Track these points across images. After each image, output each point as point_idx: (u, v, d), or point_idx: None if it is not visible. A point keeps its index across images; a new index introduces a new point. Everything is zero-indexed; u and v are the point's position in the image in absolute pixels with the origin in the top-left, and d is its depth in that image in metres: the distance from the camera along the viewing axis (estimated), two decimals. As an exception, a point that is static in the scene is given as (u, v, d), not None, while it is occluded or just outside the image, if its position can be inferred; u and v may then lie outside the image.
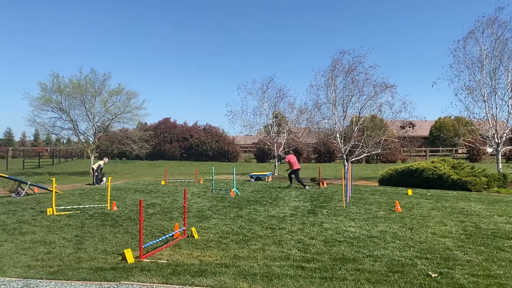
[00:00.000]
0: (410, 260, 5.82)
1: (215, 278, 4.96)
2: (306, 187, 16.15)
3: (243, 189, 15.93)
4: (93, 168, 20.09)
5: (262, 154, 42.77)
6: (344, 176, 12.29)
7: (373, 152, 22.41)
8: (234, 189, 14.46)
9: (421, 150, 45.68)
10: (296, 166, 16.85)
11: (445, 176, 16.30)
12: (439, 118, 50.27)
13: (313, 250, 6.46)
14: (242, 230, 8.03)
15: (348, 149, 21.59)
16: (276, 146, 27.59)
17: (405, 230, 8.08)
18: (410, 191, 14.34)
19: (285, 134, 28.26)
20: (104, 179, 19.49)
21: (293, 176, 16.97)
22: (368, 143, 21.64)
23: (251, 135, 32.14)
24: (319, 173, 18.92)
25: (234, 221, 9.04)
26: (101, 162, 19.85)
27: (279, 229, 8.12)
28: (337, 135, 21.56)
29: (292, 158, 17.03)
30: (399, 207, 10.57)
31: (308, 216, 9.66)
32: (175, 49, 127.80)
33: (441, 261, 5.80)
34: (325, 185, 17.13)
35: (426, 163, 17.97)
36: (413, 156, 43.13)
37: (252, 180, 20.22)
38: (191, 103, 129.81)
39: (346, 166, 19.76)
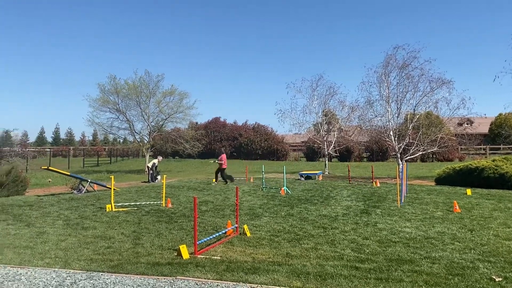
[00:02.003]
0: (471, 263, 5.55)
1: (268, 275, 4.99)
2: (227, 183, 17.75)
3: (294, 187, 15.88)
4: (148, 167, 20.83)
5: (312, 153, 42.36)
6: (398, 175, 11.92)
7: (429, 151, 21.60)
8: (285, 187, 14.44)
9: (480, 148, 43.37)
10: (224, 165, 18.11)
11: (508, 175, 15.38)
12: (500, 114, 47.54)
13: (367, 251, 6.32)
14: (294, 229, 8.01)
15: (402, 147, 20.94)
16: (326, 144, 27.26)
17: (464, 231, 7.72)
18: (469, 191, 13.66)
19: (336, 132, 27.85)
20: (159, 177, 20.15)
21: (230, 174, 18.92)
22: (423, 141, 20.87)
23: (300, 134, 31.90)
24: (372, 172, 18.49)
25: (286, 220, 9.03)
26: (155, 161, 20.55)
27: (331, 229, 8.03)
28: (391, 133, 20.96)
29: (225, 158, 18.24)
30: (457, 208, 10.11)
31: (361, 216, 9.47)
32: (224, 48, 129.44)
33: (506, 264, 5.49)
34: (378, 184, 16.71)
35: (487, 162, 17.04)
36: (472, 154, 41.04)
37: (302, 179, 20.10)
38: (241, 102, 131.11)
39: (401, 165, 19.18)
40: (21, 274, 5.21)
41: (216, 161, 18.63)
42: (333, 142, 27.61)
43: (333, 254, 6.13)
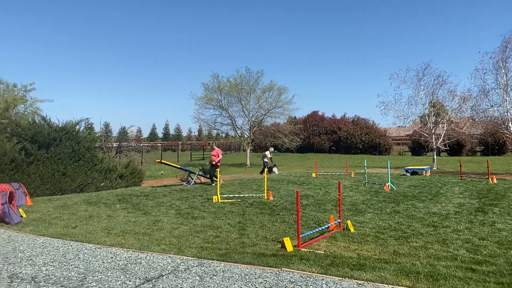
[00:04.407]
0: None
1: (374, 273, 4.84)
2: (213, 184, 15.70)
3: (398, 183, 15.18)
4: (264, 161, 21.57)
5: (418, 147, 40.01)
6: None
7: (557, 144, 19.15)
8: (389, 183, 13.86)
9: None
10: (217, 162, 16.19)
11: None
12: None
13: (485, 252, 5.82)
14: (401, 226, 7.67)
15: (523, 140, 18.83)
16: (434, 137, 25.55)
17: None
18: None
19: (445, 125, 25.92)
20: (275, 169, 20.98)
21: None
22: (550, 133, 18.54)
23: (405, 127, 30.32)
24: (487, 167, 16.93)
25: (391, 217, 8.68)
26: (267, 153, 21.43)
27: (442, 227, 7.53)
28: (510, 124, 18.99)
29: (218, 153, 16.40)
30: None
31: (476, 215, 8.73)
32: (322, 41, 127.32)
33: None
34: (495, 181, 15.24)
35: None
36: None
37: (408, 174, 19.10)
38: (339, 94, 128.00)
39: (522, 160, 17.27)
40: (141, 258, 5.74)
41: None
42: (442, 135, 25.75)
43: (445, 254, 5.75)
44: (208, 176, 16.36)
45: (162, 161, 17.24)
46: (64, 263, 5.51)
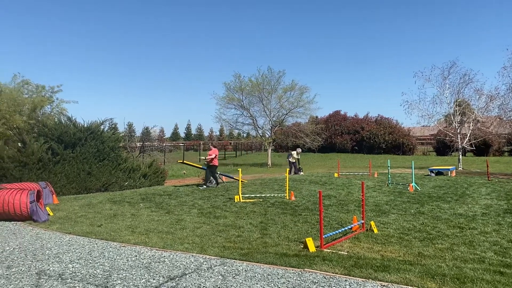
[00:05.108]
0: None
1: (399, 274, 4.77)
2: (209, 185, 15.05)
3: (423, 184, 14.90)
4: (289, 161, 21.53)
5: (443, 147, 39.20)
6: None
7: None
8: (413, 183, 13.62)
9: None
10: (215, 162, 15.22)
11: None
12: None
13: (514, 255, 5.65)
14: (425, 228, 7.53)
15: (554, 139, 18.22)
16: (459, 137, 24.98)
17: None
18: None
19: (471, 124, 25.33)
20: (301, 172, 20.95)
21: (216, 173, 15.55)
22: None
23: (429, 126, 29.73)
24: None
25: (416, 218, 8.53)
26: (293, 153, 21.39)
27: (469, 229, 7.36)
28: (539, 124, 18.39)
29: (215, 153, 15.27)
30: None
31: (504, 216, 8.50)
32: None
33: None
34: (524, 182, 14.79)
35: None
36: None
37: (432, 174, 18.74)
38: (361, 94, 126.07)
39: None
40: (164, 256, 5.80)
41: (205, 158, 15.63)
42: (468, 135, 25.16)
43: (472, 256, 5.62)
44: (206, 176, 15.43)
45: (184, 161, 17.38)
46: (90, 261, 5.62)
